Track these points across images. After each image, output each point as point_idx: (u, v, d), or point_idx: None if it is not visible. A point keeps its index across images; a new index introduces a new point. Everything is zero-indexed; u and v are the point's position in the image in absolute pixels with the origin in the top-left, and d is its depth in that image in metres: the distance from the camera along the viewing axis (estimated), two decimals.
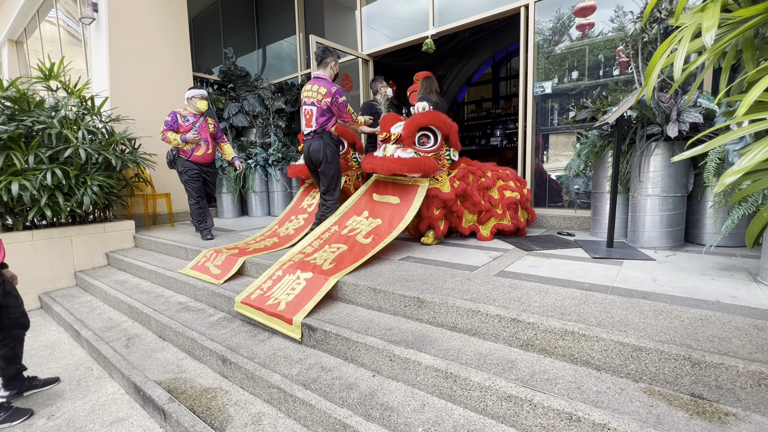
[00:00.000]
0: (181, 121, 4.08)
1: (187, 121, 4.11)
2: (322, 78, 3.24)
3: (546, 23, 4.06)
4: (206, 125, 4.24)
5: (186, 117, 4.12)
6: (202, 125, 4.19)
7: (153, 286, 3.52)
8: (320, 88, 3.16)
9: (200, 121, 4.19)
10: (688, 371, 1.35)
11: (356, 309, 2.30)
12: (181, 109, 4.17)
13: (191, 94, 4.15)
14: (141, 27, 5.26)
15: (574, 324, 1.59)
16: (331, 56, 3.26)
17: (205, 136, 4.21)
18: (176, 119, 4.07)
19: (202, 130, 4.18)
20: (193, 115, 4.16)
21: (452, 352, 1.73)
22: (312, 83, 3.22)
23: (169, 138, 4.02)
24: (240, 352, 2.16)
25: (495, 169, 3.61)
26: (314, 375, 1.88)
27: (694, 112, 2.54)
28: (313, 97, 3.18)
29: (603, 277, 2.20)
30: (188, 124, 4.10)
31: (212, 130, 4.31)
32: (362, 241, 2.85)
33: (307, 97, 3.23)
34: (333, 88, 3.16)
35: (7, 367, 2.17)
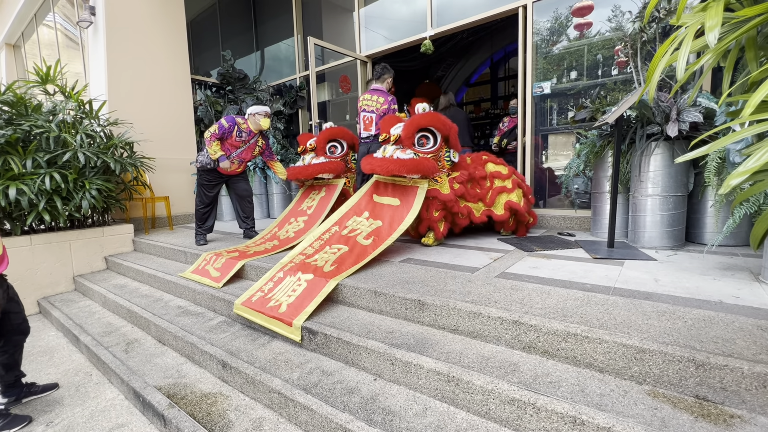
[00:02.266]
0: (235, 134, 3.77)
1: (240, 136, 3.81)
2: (380, 90, 3.81)
3: (544, 23, 4.06)
4: (254, 146, 3.96)
5: (242, 131, 3.82)
6: (251, 146, 3.92)
7: (152, 290, 3.50)
8: (379, 98, 3.73)
9: (251, 141, 3.90)
10: (693, 373, 1.33)
11: (357, 312, 2.29)
12: (241, 120, 3.82)
13: (255, 110, 3.80)
14: (139, 30, 5.25)
15: (577, 326, 1.58)
16: (388, 73, 3.89)
17: (245, 157, 3.95)
18: (233, 129, 3.75)
19: (248, 150, 3.91)
20: (248, 132, 3.85)
21: (454, 355, 1.72)
22: (371, 94, 3.80)
23: (212, 146, 3.69)
24: (240, 357, 2.14)
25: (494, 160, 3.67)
26: (315, 379, 1.86)
27: (693, 112, 2.54)
28: (373, 105, 3.75)
29: (604, 278, 2.19)
30: (239, 140, 3.82)
31: (257, 153, 4.04)
32: (363, 242, 2.83)
33: (367, 105, 3.80)
34: (389, 97, 3.76)
35: (6, 374, 2.16)
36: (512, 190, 3.49)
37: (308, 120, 6.42)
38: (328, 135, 4.02)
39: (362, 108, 3.81)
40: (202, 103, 6.38)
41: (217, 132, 3.70)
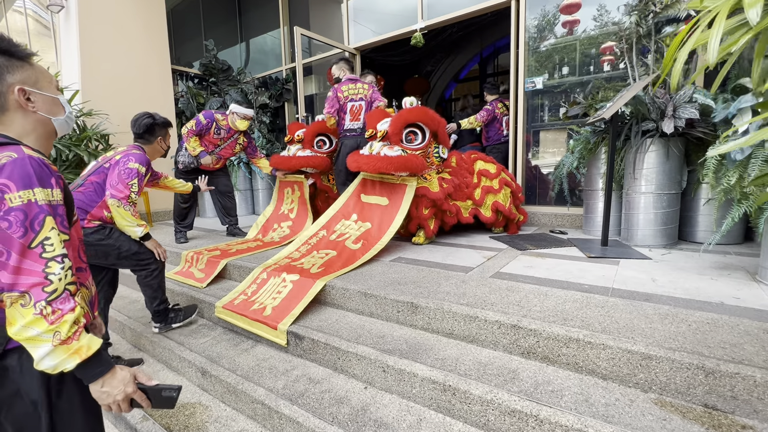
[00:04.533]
0: (213, 130, 3.59)
1: (219, 134, 3.63)
2: (358, 78, 3.68)
3: (536, 17, 3.98)
4: (234, 144, 3.77)
5: (221, 128, 3.62)
6: (231, 144, 3.74)
7: (128, 290, 3.31)
8: (363, 84, 3.57)
9: (231, 140, 3.72)
10: (702, 381, 1.27)
11: (346, 314, 2.18)
12: (220, 116, 3.65)
13: (235, 108, 3.60)
14: (114, 15, 4.98)
15: (579, 330, 1.51)
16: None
17: (225, 155, 3.78)
18: (211, 125, 3.56)
19: (228, 148, 3.74)
20: (227, 129, 3.66)
21: (449, 362, 1.62)
22: (353, 83, 3.61)
23: (190, 142, 3.52)
24: (221, 363, 2.01)
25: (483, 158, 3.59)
26: (301, 388, 1.75)
27: (690, 108, 2.49)
28: (360, 93, 3.60)
29: (602, 278, 2.13)
30: (218, 138, 3.64)
31: (237, 150, 3.85)
32: (351, 246, 2.72)
33: (353, 95, 3.56)
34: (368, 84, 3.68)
35: None
36: (499, 191, 3.41)
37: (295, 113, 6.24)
38: (317, 128, 3.85)
39: (348, 98, 3.58)
40: (184, 95, 6.13)
41: (194, 128, 3.53)
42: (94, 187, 2.09)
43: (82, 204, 2.05)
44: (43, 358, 0.83)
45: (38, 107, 0.97)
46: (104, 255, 2.12)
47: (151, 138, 2.34)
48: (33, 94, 0.96)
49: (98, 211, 2.09)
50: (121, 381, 0.94)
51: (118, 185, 2.08)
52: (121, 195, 2.08)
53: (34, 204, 0.86)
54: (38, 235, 0.86)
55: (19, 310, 0.82)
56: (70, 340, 0.85)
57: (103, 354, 0.92)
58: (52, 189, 0.91)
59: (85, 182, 2.10)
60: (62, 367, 0.85)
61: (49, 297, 0.84)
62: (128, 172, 2.11)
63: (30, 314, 0.82)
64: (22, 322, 0.82)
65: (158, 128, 2.36)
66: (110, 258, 2.14)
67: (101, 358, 0.92)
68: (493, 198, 3.39)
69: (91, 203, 2.07)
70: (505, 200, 3.43)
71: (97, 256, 2.09)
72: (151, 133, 2.34)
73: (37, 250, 0.85)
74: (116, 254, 2.14)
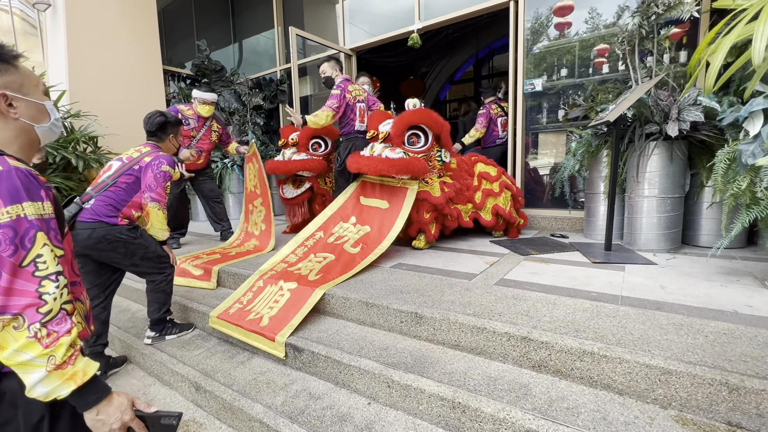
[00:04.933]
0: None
1: (188, 123, 3.50)
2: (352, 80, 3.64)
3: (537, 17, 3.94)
4: (210, 132, 3.64)
5: (188, 118, 3.50)
6: (206, 133, 3.59)
7: (118, 299, 3.18)
8: (359, 86, 3.57)
9: (204, 129, 3.56)
10: (725, 397, 1.21)
11: (347, 325, 2.09)
12: (185, 107, 3.54)
13: (196, 94, 3.52)
14: (104, 14, 4.84)
15: (593, 343, 1.44)
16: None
17: (204, 147, 3.62)
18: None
19: (204, 137, 3.59)
20: (196, 118, 3.53)
21: (457, 376, 1.55)
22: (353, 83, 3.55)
23: None
24: (216, 378, 1.92)
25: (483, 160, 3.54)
26: (301, 404, 1.66)
27: (694, 111, 2.46)
28: (362, 95, 3.53)
29: (609, 285, 2.07)
30: (188, 128, 3.51)
31: (215, 139, 3.71)
32: (350, 250, 2.64)
33: (359, 95, 3.53)
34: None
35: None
36: (499, 194, 3.35)
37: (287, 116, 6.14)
38: (311, 131, 3.76)
39: (356, 99, 3.49)
40: (175, 96, 6.00)
41: None
42: (124, 187, 2.10)
43: (114, 202, 2.06)
44: (35, 384, 0.77)
45: (21, 113, 0.90)
46: (131, 254, 2.12)
47: (163, 136, 2.34)
48: (16, 99, 0.88)
49: (128, 210, 2.11)
50: (117, 408, 0.87)
51: (158, 189, 2.14)
52: (162, 198, 2.15)
53: (24, 219, 0.81)
54: (29, 252, 0.80)
55: (12, 334, 0.77)
56: (65, 364, 0.79)
57: (98, 380, 0.87)
58: (42, 202, 0.86)
59: (117, 182, 2.10)
60: (56, 394, 0.79)
61: (43, 318, 0.78)
62: (164, 175, 2.16)
63: (23, 337, 0.76)
64: (15, 346, 0.76)
65: (170, 126, 2.36)
66: (134, 258, 2.14)
67: (97, 384, 0.86)
68: (493, 201, 3.34)
69: (122, 202, 2.09)
70: (506, 204, 3.37)
71: (125, 254, 2.09)
72: (164, 131, 2.34)
73: (29, 269, 0.80)
74: (142, 254, 2.15)
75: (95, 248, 2.00)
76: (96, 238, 1.97)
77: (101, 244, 1.99)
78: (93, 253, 2.03)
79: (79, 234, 1.95)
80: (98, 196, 2.03)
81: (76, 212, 1.98)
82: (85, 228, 1.96)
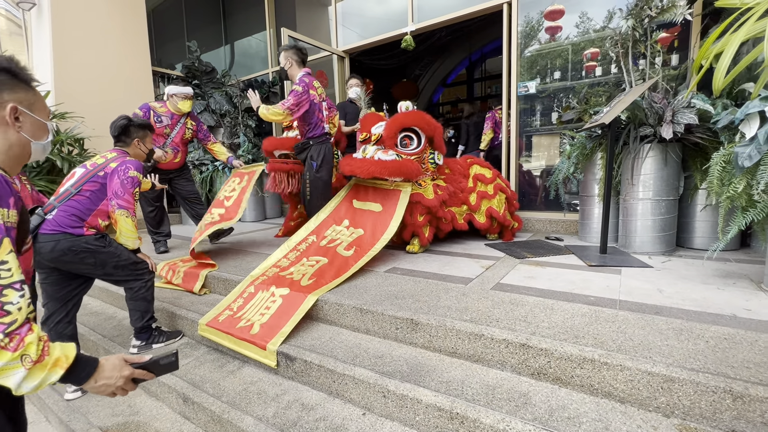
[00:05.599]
0: (153, 120, 3.31)
1: (160, 121, 3.36)
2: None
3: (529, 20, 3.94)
4: (183, 129, 3.50)
5: (161, 116, 3.37)
6: (180, 130, 3.46)
7: (104, 306, 3.10)
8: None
9: (178, 126, 3.44)
10: (729, 405, 1.18)
11: (340, 332, 2.04)
12: (158, 104, 3.41)
13: (173, 90, 3.38)
14: (90, 14, 4.74)
15: (593, 350, 1.41)
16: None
17: (178, 143, 3.49)
18: (148, 116, 3.29)
19: (177, 135, 3.45)
20: (170, 116, 3.40)
21: (455, 384, 1.51)
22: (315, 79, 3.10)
23: None
24: (205, 389, 1.85)
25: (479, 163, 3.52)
26: (294, 416, 1.60)
27: (688, 113, 2.46)
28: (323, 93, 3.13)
29: (606, 289, 2.05)
30: (161, 126, 3.36)
31: (189, 136, 3.57)
32: (343, 253, 2.58)
33: (323, 94, 3.12)
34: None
35: None
36: (493, 197, 3.33)
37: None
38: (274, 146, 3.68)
39: (322, 97, 3.08)
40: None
41: None
42: (89, 195, 2.00)
43: (78, 212, 1.96)
44: (20, 383, 0.78)
45: (24, 128, 0.96)
46: (102, 264, 2.02)
47: (126, 140, 2.23)
48: (23, 114, 0.95)
49: (93, 219, 2.01)
50: (112, 370, 0.93)
51: (125, 195, 2.03)
52: (129, 206, 2.05)
53: None
54: None
55: None
56: (42, 357, 0.81)
57: (82, 356, 0.91)
58: (8, 209, 0.84)
59: (81, 191, 2.00)
60: (47, 383, 0.82)
61: (7, 329, 0.77)
62: (131, 181, 2.06)
63: None
64: None
65: (134, 129, 2.24)
66: (106, 267, 2.04)
67: (83, 360, 0.90)
68: (487, 204, 3.31)
69: (87, 211, 1.99)
70: (500, 206, 3.35)
71: (95, 264, 2.00)
72: (127, 134, 2.23)
73: None
74: (114, 263, 2.06)
75: (61, 260, 1.90)
76: (61, 251, 1.87)
77: (67, 256, 1.89)
78: (60, 266, 1.93)
79: (42, 247, 1.85)
80: (61, 206, 1.92)
81: (38, 224, 1.87)
82: (48, 240, 1.85)
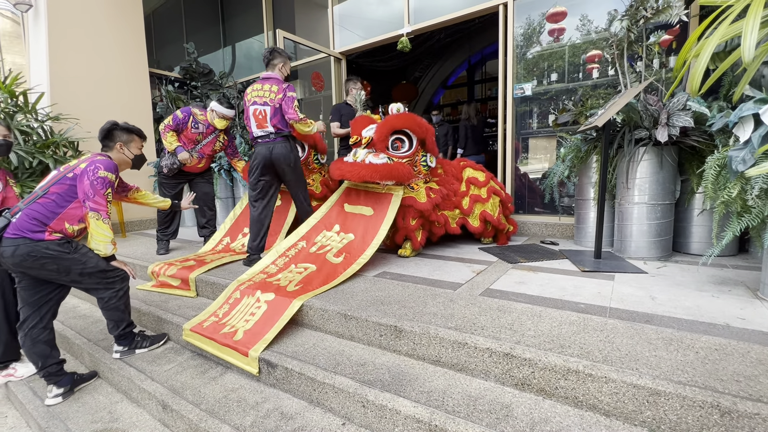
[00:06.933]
0: (190, 125, 3.43)
1: (197, 128, 3.45)
2: (273, 78, 2.93)
3: (524, 23, 3.90)
4: (215, 141, 3.60)
5: (199, 123, 3.46)
6: (211, 141, 3.57)
7: (93, 309, 3.07)
8: (272, 86, 2.86)
9: (211, 136, 3.55)
10: (717, 421, 1.13)
11: (324, 338, 2.00)
12: (199, 111, 3.51)
13: (215, 107, 3.44)
14: (87, 15, 4.74)
15: (578, 360, 1.36)
16: (279, 57, 2.97)
17: (206, 152, 3.59)
18: (188, 120, 3.42)
19: (208, 144, 3.57)
20: (207, 125, 3.49)
21: (436, 395, 1.46)
22: (262, 83, 2.90)
23: (167, 138, 3.36)
24: (185, 396, 1.81)
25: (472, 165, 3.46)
26: (272, 425, 1.56)
27: (684, 116, 2.41)
28: (266, 96, 2.85)
29: (597, 296, 2.00)
30: (196, 132, 3.46)
31: (218, 148, 3.66)
32: (333, 260, 2.55)
33: (257, 98, 2.88)
34: (284, 85, 2.87)
35: None
36: (487, 200, 3.28)
37: None
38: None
39: (251, 101, 2.94)
40: (162, 99, 5.90)
41: (171, 123, 3.37)
42: (55, 198, 1.92)
43: (40, 215, 1.88)
44: None
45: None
46: (66, 271, 1.94)
47: (110, 143, 2.17)
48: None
49: (59, 223, 1.92)
50: None
51: (95, 197, 1.95)
52: (101, 207, 1.97)
53: None
54: None
55: None
56: None
57: None
58: None
59: (47, 193, 1.93)
60: None
61: None
62: (101, 181, 1.96)
63: None
64: None
65: (118, 133, 2.17)
66: (71, 274, 1.96)
67: None
68: (481, 207, 3.26)
69: (50, 215, 1.91)
70: (494, 210, 3.30)
71: (58, 271, 1.92)
72: (110, 138, 2.16)
73: None
74: (79, 270, 1.97)
75: (23, 266, 1.85)
76: (20, 256, 1.81)
77: (27, 262, 1.83)
78: (26, 270, 1.88)
79: (4, 251, 1.80)
80: (25, 209, 1.88)
81: (4, 226, 1.83)
82: (9, 245, 1.80)
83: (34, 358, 1.97)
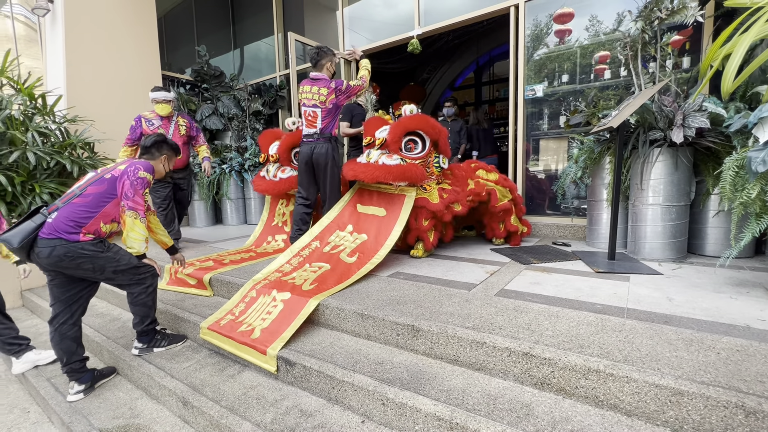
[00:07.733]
0: (145, 126, 3.64)
1: (152, 124, 3.66)
2: (321, 78, 3.06)
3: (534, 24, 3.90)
4: (176, 129, 3.77)
5: (152, 120, 3.67)
6: (174, 130, 3.73)
7: (110, 307, 3.12)
8: (321, 89, 3.01)
9: (171, 125, 3.72)
10: (741, 421, 1.13)
11: (341, 337, 2.02)
12: (148, 112, 3.72)
13: (151, 96, 3.66)
14: (103, 20, 4.82)
15: (598, 360, 1.37)
16: (325, 57, 3.07)
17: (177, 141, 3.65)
18: (140, 123, 3.63)
19: (175, 135, 3.72)
20: (159, 118, 3.69)
21: (455, 393, 1.47)
22: (310, 84, 3.04)
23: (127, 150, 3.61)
24: (204, 392, 1.84)
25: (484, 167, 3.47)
26: (292, 422, 1.58)
27: (700, 117, 2.40)
28: (314, 99, 3.02)
29: (614, 297, 2.00)
30: (153, 128, 3.64)
31: (183, 132, 3.82)
32: (346, 259, 2.57)
33: (306, 99, 3.05)
34: (332, 84, 3.01)
35: None
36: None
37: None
38: (290, 142, 3.58)
39: (302, 101, 3.09)
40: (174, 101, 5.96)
41: (128, 134, 3.64)
42: (91, 199, 1.98)
43: (77, 216, 1.92)
44: None
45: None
46: (101, 269, 2.00)
47: (156, 153, 2.28)
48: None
49: (94, 224, 1.97)
50: None
51: (135, 197, 2.02)
52: (140, 206, 2.03)
53: None
54: None
55: None
56: None
57: None
58: None
59: (85, 192, 1.98)
60: None
61: None
62: (141, 181, 2.05)
63: None
64: None
65: (166, 147, 2.31)
66: (106, 272, 2.02)
67: None
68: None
69: (87, 216, 1.95)
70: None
71: (93, 270, 1.98)
72: (158, 149, 2.29)
73: None
74: (113, 268, 2.03)
75: (59, 265, 1.89)
76: (57, 257, 1.86)
77: (63, 262, 1.88)
78: (61, 270, 1.93)
79: (41, 251, 1.84)
80: (63, 207, 1.92)
81: (40, 224, 1.86)
82: (45, 246, 1.85)
83: (60, 353, 2.02)
